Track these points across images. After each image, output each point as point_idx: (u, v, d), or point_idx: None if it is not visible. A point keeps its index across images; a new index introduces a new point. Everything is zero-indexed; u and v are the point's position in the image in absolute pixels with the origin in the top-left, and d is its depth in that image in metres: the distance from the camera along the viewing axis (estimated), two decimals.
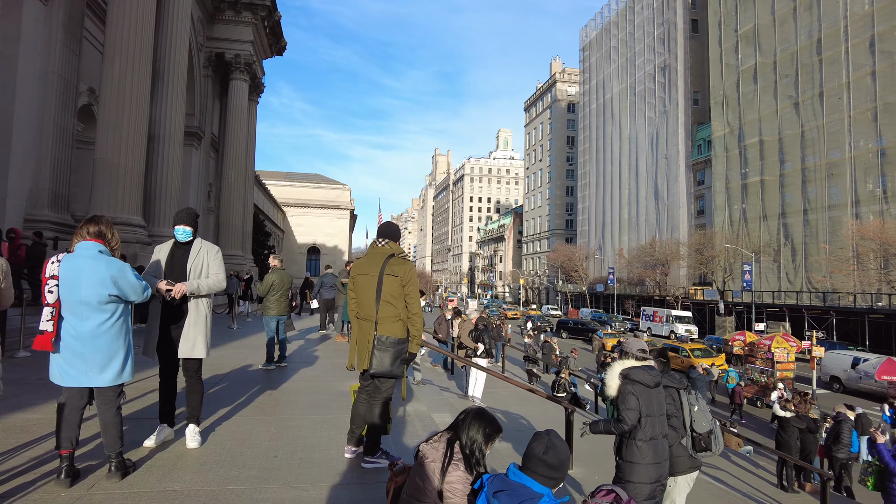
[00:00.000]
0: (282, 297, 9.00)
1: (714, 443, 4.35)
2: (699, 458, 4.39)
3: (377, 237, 4.68)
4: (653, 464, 3.96)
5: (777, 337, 23.06)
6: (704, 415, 4.35)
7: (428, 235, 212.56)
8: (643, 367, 4.12)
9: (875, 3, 36.88)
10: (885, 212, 35.69)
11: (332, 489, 4.00)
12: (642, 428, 3.97)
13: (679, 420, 4.34)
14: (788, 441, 11.39)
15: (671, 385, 4.43)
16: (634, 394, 3.98)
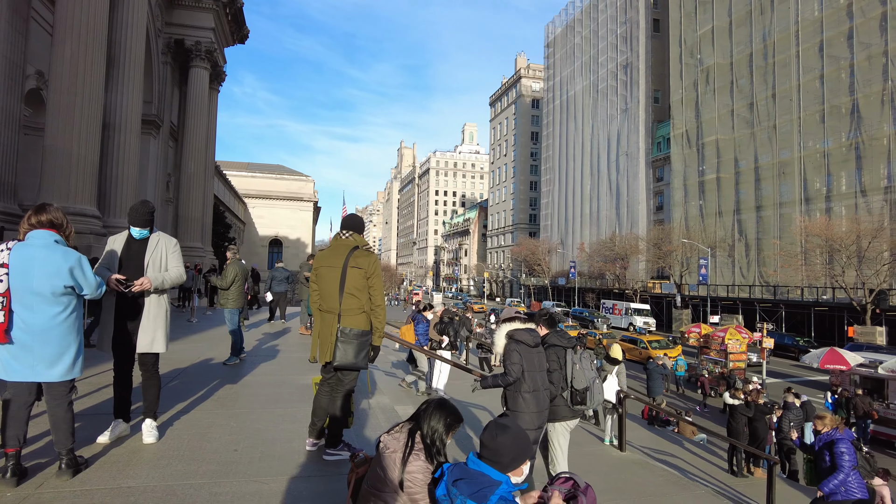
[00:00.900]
0: (241, 289, 8.94)
1: (589, 398, 4.79)
2: (577, 410, 4.86)
3: (341, 229, 4.66)
4: (535, 412, 4.47)
5: (730, 329, 23.92)
6: (584, 374, 4.78)
7: (393, 229, 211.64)
8: (525, 330, 4.62)
9: (824, 10, 38.36)
10: (831, 209, 37.33)
11: (293, 481, 3.99)
12: (525, 381, 4.45)
13: (560, 375, 4.77)
14: (738, 428, 11.86)
15: (558, 344, 4.87)
16: (518, 351, 4.49)
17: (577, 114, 71.10)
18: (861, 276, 32.68)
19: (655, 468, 8.25)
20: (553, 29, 79.92)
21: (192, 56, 24.56)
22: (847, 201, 36.83)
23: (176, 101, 25.91)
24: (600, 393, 4.98)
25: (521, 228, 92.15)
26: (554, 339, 4.89)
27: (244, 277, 9.05)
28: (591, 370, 4.88)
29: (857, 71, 35.96)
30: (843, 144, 37.04)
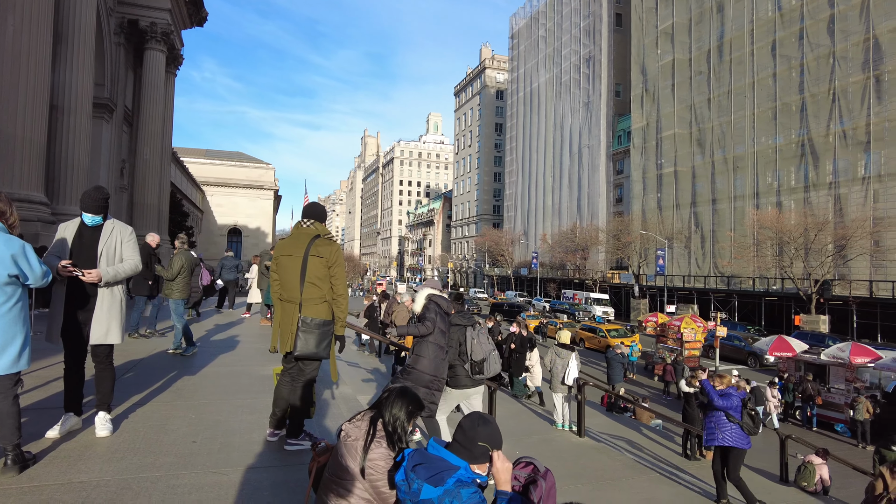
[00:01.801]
0: (186, 280, 8.81)
1: (486, 368, 5.48)
2: (477, 379, 5.51)
3: (302, 217, 4.60)
4: (433, 359, 5.11)
5: (686, 318, 24.70)
6: (481, 347, 5.48)
7: (356, 218, 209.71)
8: (443, 296, 5.41)
9: (777, 11, 39.64)
10: (781, 203, 38.82)
11: (254, 472, 3.96)
12: (434, 334, 5.14)
13: (463, 348, 5.46)
14: (692, 414, 12.30)
15: (459, 323, 5.54)
16: (435, 311, 5.21)
17: (541, 106, 71.73)
18: (808, 268, 34.17)
19: (613, 453, 8.50)
20: (517, 21, 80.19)
21: (146, 38, 23.63)
22: (796, 195, 38.38)
23: (130, 85, 24.92)
24: (496, 363, 5.58)
25: (485, 219, 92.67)
26: (456, 318, 5.53)
27: (190, 268, 8.92)
28: (487, 344, 5.53)
29: (807, 70, 37.36)
30: (793, 141, 38.51)
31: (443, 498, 2.18)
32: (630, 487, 6.76)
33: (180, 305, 8.53)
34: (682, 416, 12.96)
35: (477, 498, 2.20)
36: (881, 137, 33.32)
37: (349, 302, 4.75)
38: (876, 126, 33.44)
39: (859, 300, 32.72)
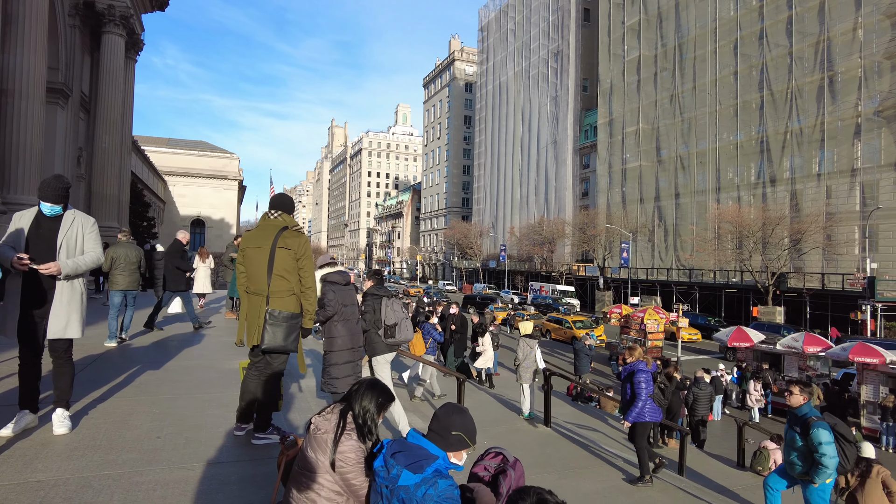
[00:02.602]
0: (126, 270, 8.81)
1: (397, 332, 5.77)
2: (390, 343, 5.81)
3: (269, 209, 4.52)
4: (348, 336, 5.30)
5: (649, 310, 25.27)
6: (395, 314, 5.77)
7: (324, 210, 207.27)
8: (336, 272, 5.46)
9: (738, 10, 40.66)
10: (741, 198, 40.01)
11: (221, 467, 3.90)
12: (340, 313, 5.29)
13: (377, 316, 5.72)
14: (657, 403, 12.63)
15: (377, 294, 5.84)
16: (333, 290, 5.31)
17: (509, 99, 72.02)
18: (765, 261, 35.36)
19: (580, 442, 8.67)
20: (487, 13, 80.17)
21: (104, 21, 22.73)
22: (755, 191, 39.60)
23: (87, 70, 23.97)
24: (408, 329, 5.91)
25: (454, 212, 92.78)
26: (373, 289, 5.88)
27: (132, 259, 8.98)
28: (400, 312, 5.85)
29: (766, 69, 38.48)
30: (752, 138, 39.67)
31: (420, 486, 2.21)
32: (595, 475, 6.92)
33: (116, 297, 8.65)
34: None
35: (452, 491, 2.22)
36: (834, 136, 34.62)
37: None
38: (829, 125, 34.72)
39: (812, 292, 34.06)
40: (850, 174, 34.00)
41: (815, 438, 5.05)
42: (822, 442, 5.00)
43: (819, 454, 5.01)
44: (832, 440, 5.07)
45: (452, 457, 2.44)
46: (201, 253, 13.76)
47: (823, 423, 5.15)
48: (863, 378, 16.47)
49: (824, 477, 5.07)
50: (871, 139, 33.14)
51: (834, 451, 5.03)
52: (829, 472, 5.03)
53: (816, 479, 5.09)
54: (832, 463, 5.00)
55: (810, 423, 5.15)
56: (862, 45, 33.17)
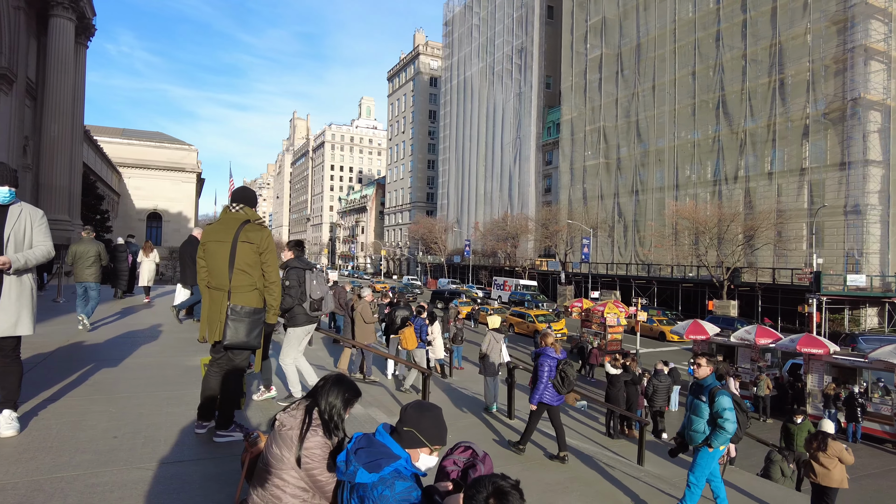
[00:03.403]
0: (85, 265, 9.50)
1: (324, 305, 6.05)
2: (313, 315, 6.01)
3: (231, 202, 4.42)
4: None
5: (609, 304, 25.79)
6: (320, 287, 6.01)
7: (285, 203, 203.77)
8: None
9: (696, 12, 41.76)
10: (698, 195, 41.23)
11: (182, 466, 3.81)
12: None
13: (300, 290, 5.86)
14: (616, 395, 12.94)
15: (298, 266, 5.97)
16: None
17: (474, 95, 72.20)
18: (720, 256, 36.57)
19: (541, 434, 8.80)
20: (452, 8, 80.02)
21: (51, 3, 21.73)
22: (711, 188, 40.85)
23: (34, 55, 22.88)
24: (332, 302, 6.28)
25: (418, 206, 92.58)
26: (295, 262, 5.96)
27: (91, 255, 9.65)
28: (324, 286, 6.09)
29: (723, 70, 39.68)
30: (709, 136, 40.88)
31: (377, 485, 2.20)
32: (557, 467, 7.05)
33: (78, 287, 9.39)
34: (605, 396, 13.62)
35: (411, 493, 2.20)
36: (784, 136, 36.02)
37: None
38: (780, 125, 36.10)
39: (764, 286, 35.43)
40: (798, 173, 35.44)
41: (718, 405, 5.42)
42: (726, 408, 5.38)
43: (722, 419, 5.37)
44: (733, 407, 5.47)
45: (423, 457, 2.42)
46: (145, 247, 13.67)
47: (726, 392, 5.57)
48: (809, 368, 17.25)
49: (722, 440, 5.43)
50: (818, 140, 34.62)
51: (734, 417, 5.41)
52: (727, 435, 5.39)
53: (714, 442, 5.45)
54: (732, 428, 5.38)
55: (715, 391, 5.54)
56: (810, 49, 34.57)
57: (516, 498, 1.98)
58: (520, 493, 2.00)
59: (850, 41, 32.48)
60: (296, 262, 5.94)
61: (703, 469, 5.62)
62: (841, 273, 32.19)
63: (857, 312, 33.20)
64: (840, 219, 33.26)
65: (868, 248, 32.52)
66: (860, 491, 11.41)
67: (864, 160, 32.03)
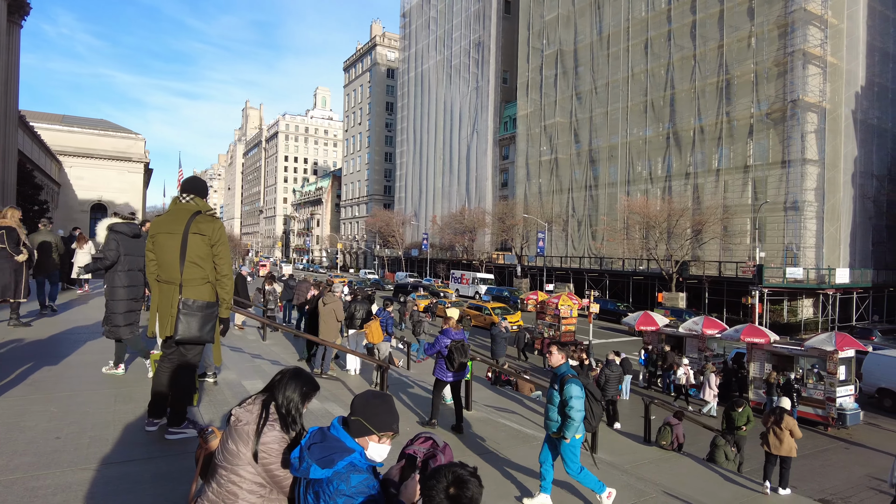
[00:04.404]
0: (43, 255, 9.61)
1: None
2: None
3: (181, 192, 4.27)
4: (127, 287, 5.69)
5: (563, 296, 26.31)
6: None
7: (237, 195, 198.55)
8: (125, 223, 5.92)
9: (649, 12, 42.84)
10: (649, 191, 42.46)
11: (132, 465, 3.68)
12: (122, 263, 5.67)
13: None
14: None
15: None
16: (116, 240, 5.71)
17: (432, 88, 72.01)
18: (669, 250, 37.81)
19: (499, 424, 8.92)
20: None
21: None
22: (661, 184, 42.13)
23: None
24: None
25: (375, 199, 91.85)
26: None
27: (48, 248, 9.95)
28: None
29: (674, 69, 40.89)
30: (660, 133, 42.10)
31: (332, 479, 2.19)
32: (514, 455, 7.16)
33: None
34: None
35: (367, 485, 2.20)
36: (730, 134, 37.49)
37: None
38: (727, 124, 37.54)
39: (710, 279, 36.86)
40: (743, 171, 36.97)
41: (567, 393, 5.39)
42: (573, 396, 5.35)
43: (569, 407, 5.35)
44: (582, 396, 5.45)
45: (374, 446, 2.42)
46: (80, 238, 13.13)
47: (577, 380, 5.52)
48: (751, 356, 18.08)
49: (572, 430, 5.39)
50: (761, 139, 36.18)
51: (582, 406, 5.39)
52: (575, 424, 5.36)
53: (566, 432, 5.41)
54: (579, 416, 5.35)
55: (566, 380, 5.50)
56: (755, 52, 36.03)
57: (475, 485, 2.01)
58: (478, 479, 2.03)
59: (790, 45, 34.03)
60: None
61: (573, 459, 5.58)
62: (781, 266, 33.82)
63: (794, 303, 35.01)
64: (780, 214, 34.91)
65: (805, 243, 34.27)
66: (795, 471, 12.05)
67: (802, 159, 33.67)
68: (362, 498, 2.17)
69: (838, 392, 15.88)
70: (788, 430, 9.70)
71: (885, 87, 38.70)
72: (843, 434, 15.61)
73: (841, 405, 15.90)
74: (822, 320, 33.94)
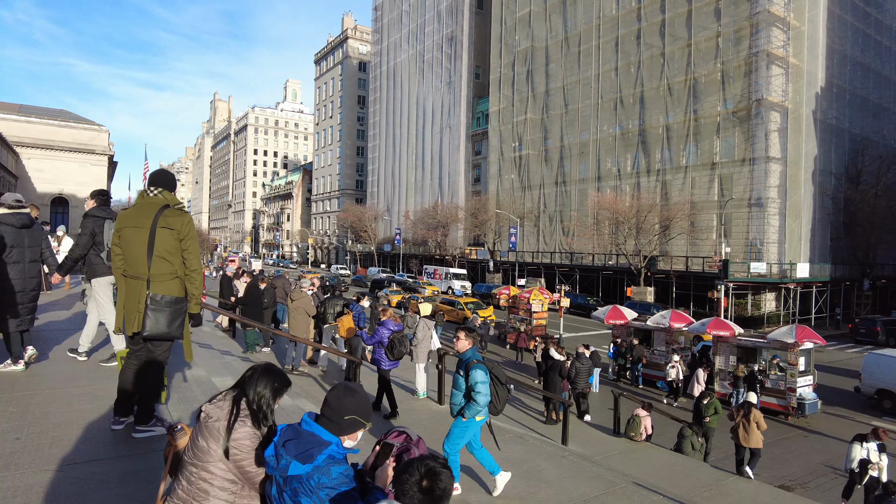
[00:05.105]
0: None
1: None
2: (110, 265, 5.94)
3: (148, 185, 4.17)
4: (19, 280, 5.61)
5: (534, 291, 26.53)
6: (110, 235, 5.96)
7: (205, 189, 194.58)
8: (13, 214, 5.69)
9: (620, 10, 43.38)
10: (618, 187, 43.12)
11: (97, 465, 3.58)
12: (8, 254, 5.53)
13: (99, 238, 5.84)
14: (557, 381, 13.49)
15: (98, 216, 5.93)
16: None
17: (404, 82, 71.65)
18: (638, 245, 38.49)
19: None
20: None
21: None
22: (631, 180, 42.81)
23: None
24: None
25: (347, 194, 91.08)
26: (96, 211, 5.97)
27: None
28: None
29: (643, 67, 41.53)
30: (630, 130, 42.75)
31: (312, 474, 2.19)
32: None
33: None
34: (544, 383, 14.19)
35: (347, 475, 2.22)
36: (698, 132, 38.30)
37: None
38: (694, 122, 38.33)
39: (678, 274, 37.67)
40: (710, 168, 37.82)
41: (472, 378, 5.48)
42: (478, 381, 5.45)
43: (475, 392, 5.44)
44: (487, 381, 5.55)
45: (347, 440, 2.44)
46: None
47: (482, 365, 5.62)
48: (717, 349, 18.55)
49: (474, 412, 5.49)
50: (728, 137, 37.06)
51: (487, 390, 5.49)
52: (479, 407, 5.47)
53: (467, 412, 5.51)
54: (484, 400, 5.46)
55: (471, 365, 5.58)
56: (721, 52, 36.84)
57: (447, 476, 2.04)
58: (450, 471, 2.06)
59: (754, 46, 34.89)
60: (96, 211, 5.93)
61: (457, 438, 5.61)
62: (745, 261, 34.76)
63: (758, 297, 36.03)
64: (745, 211, 35.85)
65: (768, 238, 35.29)
66: None
67: (766, 157, 34.62)
68: (345, 488, 2.19)
69: (798, 382, 16.43)
70: (756, 423, 10.47)
71: (843, 89, 40.01)
72: (802, 423, 16.16)
73: (801, 395, 16.45)
74: (783, 314, 35.01)
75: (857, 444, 9.73)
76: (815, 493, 10.97)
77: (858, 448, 9.64)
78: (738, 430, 10.75)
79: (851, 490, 9.95)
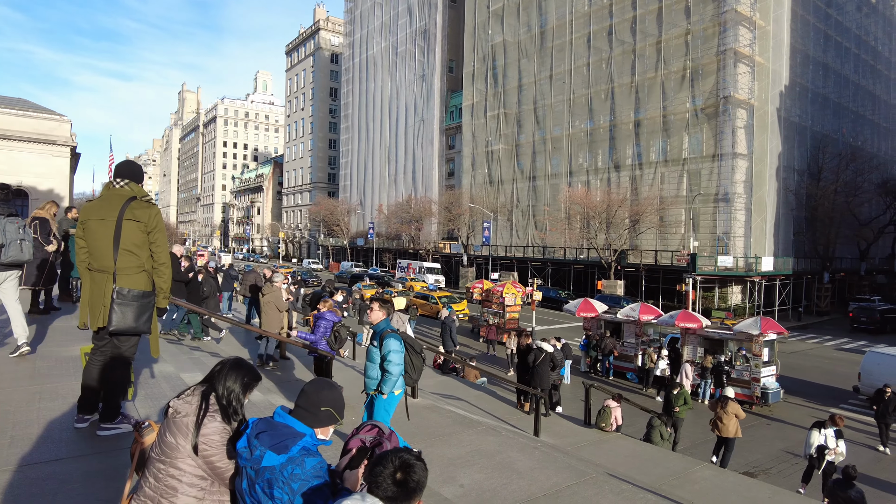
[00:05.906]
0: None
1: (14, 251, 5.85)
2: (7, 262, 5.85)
3: (115, 177, 4.05)
4: None
5: (508, 284, 26.72)
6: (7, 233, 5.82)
7: (173, 182, 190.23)
8: None
9: (592, 6, 43.76)
10: (590, 182, 43.63)
11: (59, 464, 3.48)
12: None
13: None
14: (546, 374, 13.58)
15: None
16: None
17: (377, 75, 71.06)
18: (609, 239, 39.06)
19: (444, 411, 9.01)
20: None
21: None
22: (602, 175, 43.37)
23: None
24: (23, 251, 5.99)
25: (319, 187, 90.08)
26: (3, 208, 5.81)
27: None
28: (14, 234, 5.90)
29: (614, 64, 42.02)
30: (601, 126, 43.26)
31: (286, 465, 2.18)
32: (459, 441, 7.25)
33: None
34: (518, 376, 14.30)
35: (321, 468, 2.22)
36: (668, 128, 38.98)
37: None
38: (664, 118, 38.98)
39: (647, 267, 38.37)
40: (679, 163, 38.55)
41: (385, 347, 5.29)
42: (392, 350, 5.26)
43: (387, 361, 5.25)
44: (401, 350, 5.36)
45: (320, 433, 2.44)
46: None
47: (396, 335, 5.42)
48: (685, 341, 18.99)
49: (390, 385, 5.30)
50: (696, 133, 37.82)
51: (401, 360, 5.31)
52: (393, 378, 5.27)
53: (384, 387, 5.30)
54: (397, 370, 5.27)
55: (385, 335, 5.39)
56: (690, 49, 37.51)
57: (421, 468, 2.05)
58: (423, 463, 2.07)
59: (722, 44, 35.63)
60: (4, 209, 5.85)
61: (382, 417, 5.43)
62: (712, 255, 35.59)
63: (725, 290, 36.97)
64: (712, 206, 36.69)
65: (734, 233, 36.19)
66: None
67: (733, 153, 35.45)
68: (318, 481, 2.18)
69: (762, 372, 16.94)
70: (734, 414, 11.33)
71: (805, 88, 41.17)
72: (765, 411, 16.68)
73: (764, 385, 16.97)
74: (749, 306, 35.99)
75: (815, 430, 10.11)
76: (776, 478, 11.34)
77: (817, 434, 10.01)
78: (718, 423, 11.63)
79: (810, 475, 10.33)
